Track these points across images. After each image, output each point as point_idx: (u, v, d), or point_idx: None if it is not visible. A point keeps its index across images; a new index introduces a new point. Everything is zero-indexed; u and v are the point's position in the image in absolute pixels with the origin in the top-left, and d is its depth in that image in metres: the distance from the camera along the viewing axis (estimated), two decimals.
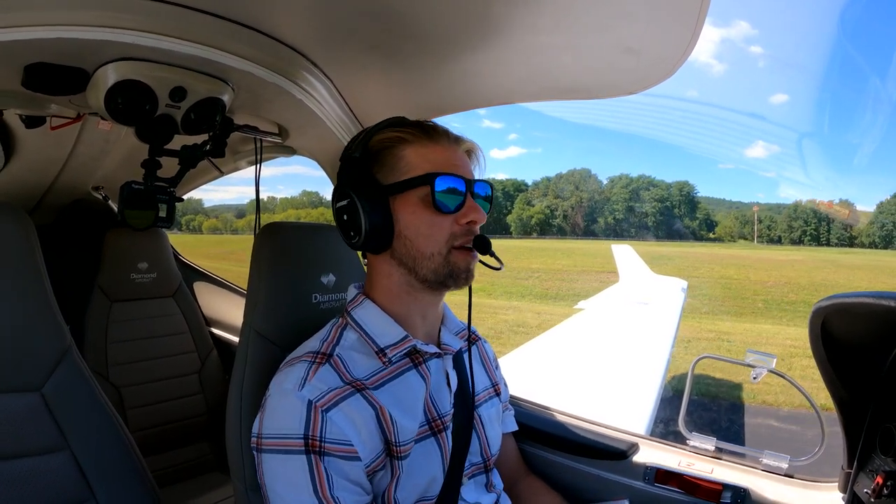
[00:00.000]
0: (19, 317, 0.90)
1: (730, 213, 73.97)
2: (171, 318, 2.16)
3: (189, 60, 0.87)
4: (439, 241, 0.81)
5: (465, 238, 0.82)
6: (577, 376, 3.99)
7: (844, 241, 61.27)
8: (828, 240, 62.62)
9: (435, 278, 0.82)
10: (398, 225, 0.82)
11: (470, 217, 0.82)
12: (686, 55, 0.89)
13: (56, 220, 2.18)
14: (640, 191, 74.81)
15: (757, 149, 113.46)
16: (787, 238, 65.17)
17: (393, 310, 0.86)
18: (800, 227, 65.32)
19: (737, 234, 69.20)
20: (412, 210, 0.81)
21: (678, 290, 8.71)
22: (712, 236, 69.81)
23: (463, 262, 0.82)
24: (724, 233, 69.99)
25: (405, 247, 0.82)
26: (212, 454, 2.16)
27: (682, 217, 71.10)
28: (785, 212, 69.50)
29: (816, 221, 64.39)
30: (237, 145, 1.66)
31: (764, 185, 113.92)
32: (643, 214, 73.72)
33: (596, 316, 7.00)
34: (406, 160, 0.82)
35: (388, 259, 0.84)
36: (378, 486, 0.79)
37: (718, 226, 72.15)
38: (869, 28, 69.09)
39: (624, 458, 1.20)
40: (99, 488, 0.92)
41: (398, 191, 0.81)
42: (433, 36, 0.93)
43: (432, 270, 0.82)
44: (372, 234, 0.81)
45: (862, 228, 61.05)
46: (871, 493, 0.90)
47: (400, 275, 0.85)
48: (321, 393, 0.76)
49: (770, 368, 1.17)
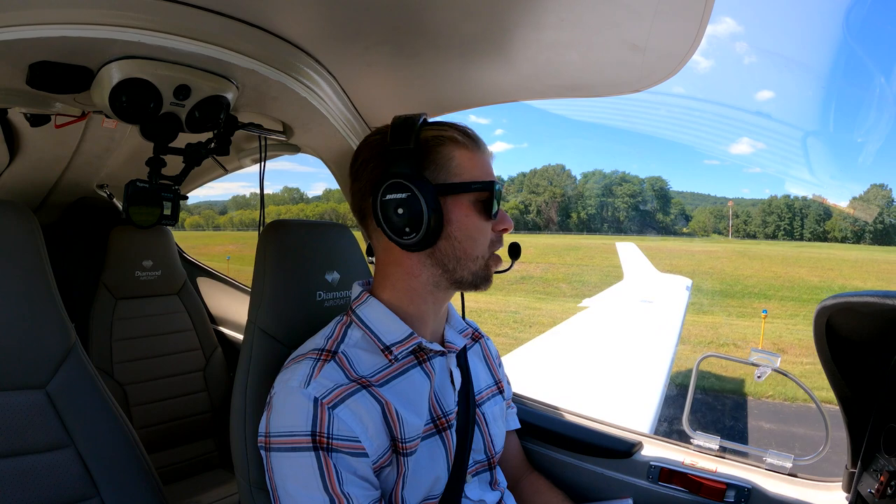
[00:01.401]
0: (24, 314, 0.90)
1: (705, 209, 74.72)
2: (175, 316, 2.17)
3: (193, 58, 0.87)
4: (483, 245, 0.83)
5: (499, 245, 0.86)
6: (582, 374, 3.99)
7: (818, 235, 61.99)
8: (801, 234, 63.37)
9: (472, 280, 0.84)
10: (449, 226, 0.81)
11: (505, 225, 0.85)
12: (691, 52, 0.89)
13: (61, 218, 2.18)
14: (613, 186, 75.28)
15: (742, 145, 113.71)
16: (762, 233, 65.81)
17: (406, 309, 0.86)
18: (774, 222, 66.04)
19: (711, 229, 69.74)
20: (466, 213, 0.82)
21: (682, 288, 8.70)
22: (686, 231, 70.55)
23: (496, 268, 0.86)
24: (698, 227, 70.60)
25: (452, 248, 0.82)
26: (216, 451, 2.17)
27: (654, 212, 71.63)
28: (759, 207, 70.10)
29: (790, 216, 65.20)
30: (242, 143, 1.67)
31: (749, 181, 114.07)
32: (615, 209, 74.16)
33: (600, 314, 7.01)
34: (457, 162, 0.82)
35: (423, 258, 0.83)
36: (385, 483, 0.79)
37: (692, 221, 72.78)
38: (874, 27, 68.88)
39: (628, 456, 1.20)
40: (103, 485, 0.93)
41: (454, 192, 0.81)
42: (438, 34, 0.93)
43: (472, 272, 0.83)
44: (429, 232, 0.78)
45: (834, 223, 61.74)
46: (874, 492, 0.90)
47: (430, 274, 0.84)
48: (327, 390, 0.76)
49: (775, 367, 1.16)
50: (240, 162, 1.80)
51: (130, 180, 1.21)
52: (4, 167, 1.68)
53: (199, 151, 1.19)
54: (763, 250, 39.23)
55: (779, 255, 34.10)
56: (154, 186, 1.20)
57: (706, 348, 10.78)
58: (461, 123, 0.86)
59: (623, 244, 20.97)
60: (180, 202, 1.37)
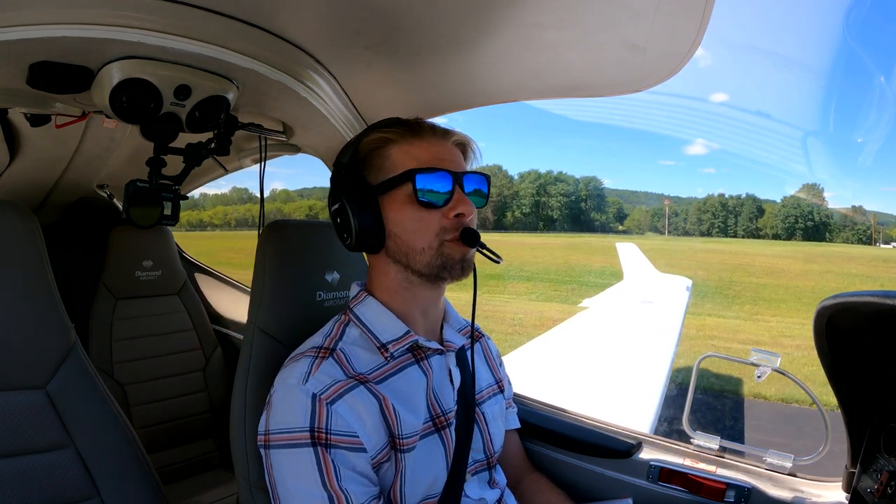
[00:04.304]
0: (24, 314, 0.90)
1: (642, 208, 77.13)
2: (175, 316, 2.17)
3: (194, 59, 0.87)
4: (428, 235, 0.82)
5: (456, 232, 0.82)
6: (582, 375, 3.99)
7: (751, 232, 64.50)
8: (735, 231, 65.73)
9: (429, 271, 0.83)
10: (388, 224, 0.84)
11: (458, 210, 0.82)
12: (692, 52, 0.89)
13: (61, 218, 2.18)
14: (548, 185, 77.10)
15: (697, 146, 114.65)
16: (697, 230, 68.39)
17: (394, 306, 0.88)
18: (708, 220, 69.28)
19: (647, 227, 71.81)
20: (399, 208, 0.83)
21: (682, 288, 8.69)
22: (621, 229, 72.67)
23: (456, 254, 0.83)
24: (634, 225, 72.84)
25: (396, 244, 0.84)
26: (216, 451, 2.17)
27: (588, 211, 73.40)
28: (694, 204, 72.83)
29: (724, 214, 68.23)
30: (242, 143, 1.66)
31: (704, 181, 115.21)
32: (549, 208, 75.97)
33: (600, 314, 7.00)
34: (391, 159, 0.84)
35: (384, 257, 0.87)
36: (383, 480, 0.80)
37: (628, 218, 75.03)
38: (874, 27, 68.65)
39: (628, 456, 1.20)
40: (103, 485, 0.93)
41: (384, 190, 0.83)
42: (439, 33, 0.93)
43: (425, 264, 0.83)
44: (362, 235, 0.83)
45: (766, 221, 64.17)
46: (874, 492, 0.90)
47: (396, 271, 0.86)
48: (325, 386, 0.76)
49: (774, 367, 1.16)
50: (240, 162, 1.80)
51: (130, 180, 1.21)
52: (4, 167, 1.67)
53: (200, 151, 1.19)
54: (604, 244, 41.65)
55: (601, 246, 36.86)
56: (154, 186, 1.20)
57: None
58: (416, 118, 0.88)
59: (623, 244, 20.93)
60: (180, 202, 1.37)
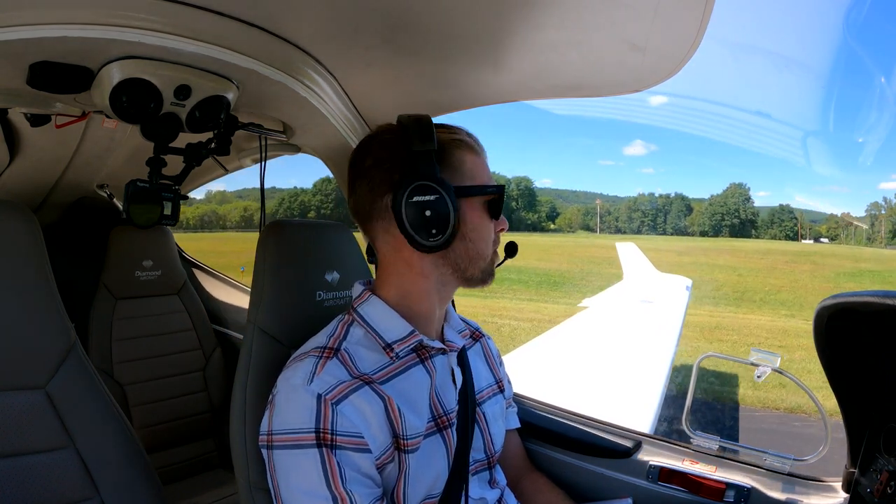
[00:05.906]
0: (24, 314, 0.90)
1: (573, 207, 78.50)
2: (175, 316, 2.17)
3: (194, 59, 0.87)
4: (492, 245, 0.88)
5: (498, 243, 0.90)
6: (582, 374, 3.99)
7: (679, 230, 66.59)
8: (664, 229, 67.57)
9: (481, 277, 0.87)
10: (464, 227, 0.83)
11: (503, 225, 0.90)
12: (692, 52, 0.89)
13: (61, 218, 2.18)
14: None
15: (636, 147, 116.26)
16: (628, 228, 70.02)
17: (413, 307, 0.87)
18: (639, 218, 71.34)
19: (578, 226, 72.86)
20: (479, 214, 0.85)
21: (682, 288, 8.70)
22: (553, 227, 73.72)
23: (496, 263, 0.90)
24: (565, 224, 73.87)
25: (465, 248, 0.84)
26: (216, 451, 2.17)
27: (519, 210, 73.89)
28: (625, 203, 74.48)
29: (654, 213, 70.53)
30: (242, 143, 1.66)
31: (643, 181, 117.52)
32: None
33: (600, 314, 7.01)
34: (468, 165, 0.85)
35: (436, 258, 0.84)
36: (386, 481, 0.79)
37: (559, 217, 75.84)
38: (874, 27, 68.71)
39: (628, 456, 1.20)
40: (103, 485, 0.93)
41: (470, 194, 0.84)
42: (438, 34, 0.93)
43: (482, 270, 0.87)
44: (453, 234, 0.79)
45: (694, 219, 66.01)
46: (874, 492, 0.90)
47: (441, 274, 0.86)
48: (330, 386, 0.76)
49: (774, 367, 1.16)
50: (240, 162, 1.80)
51: (131, 180, 1.21)
52: (4, 167, 1.67)
53: (200, 151, 1.19)
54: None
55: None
56: (154, 186, 1.20)
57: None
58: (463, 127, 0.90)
59: (623, 244, 20.97)
60: (180, 202, 1.38)
